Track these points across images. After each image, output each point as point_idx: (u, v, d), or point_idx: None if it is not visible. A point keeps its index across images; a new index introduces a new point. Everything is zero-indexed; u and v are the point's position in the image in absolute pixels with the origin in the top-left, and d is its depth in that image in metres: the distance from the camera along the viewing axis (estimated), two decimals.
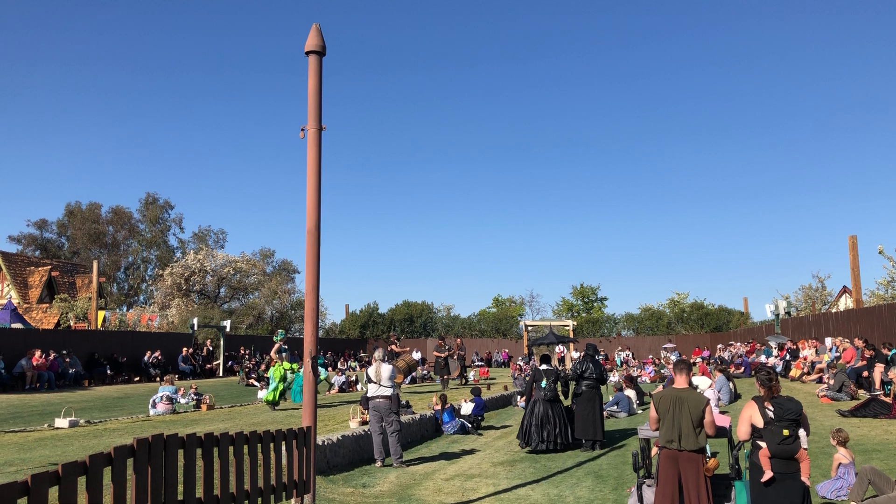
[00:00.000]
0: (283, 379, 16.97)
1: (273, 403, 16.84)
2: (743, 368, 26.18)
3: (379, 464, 11.55)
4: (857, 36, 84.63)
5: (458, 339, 30.65)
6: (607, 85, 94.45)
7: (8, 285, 40.63)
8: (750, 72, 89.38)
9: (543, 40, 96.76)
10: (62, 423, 13.82)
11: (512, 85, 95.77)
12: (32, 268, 42.49)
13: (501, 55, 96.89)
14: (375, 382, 11.62)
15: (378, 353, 12.07)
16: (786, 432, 6.36)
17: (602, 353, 42.93)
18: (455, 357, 26.22)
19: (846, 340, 21.19)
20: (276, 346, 17.93)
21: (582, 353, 14.52)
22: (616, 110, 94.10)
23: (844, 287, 39.77)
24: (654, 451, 7.66)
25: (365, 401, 12.53)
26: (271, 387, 17.14)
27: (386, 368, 11.65)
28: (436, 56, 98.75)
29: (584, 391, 13.47)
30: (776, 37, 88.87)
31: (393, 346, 23.87)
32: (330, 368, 28.50)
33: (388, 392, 11.56)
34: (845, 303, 38.36)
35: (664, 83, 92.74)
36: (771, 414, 6.46)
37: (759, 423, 6.51)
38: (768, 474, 6.35)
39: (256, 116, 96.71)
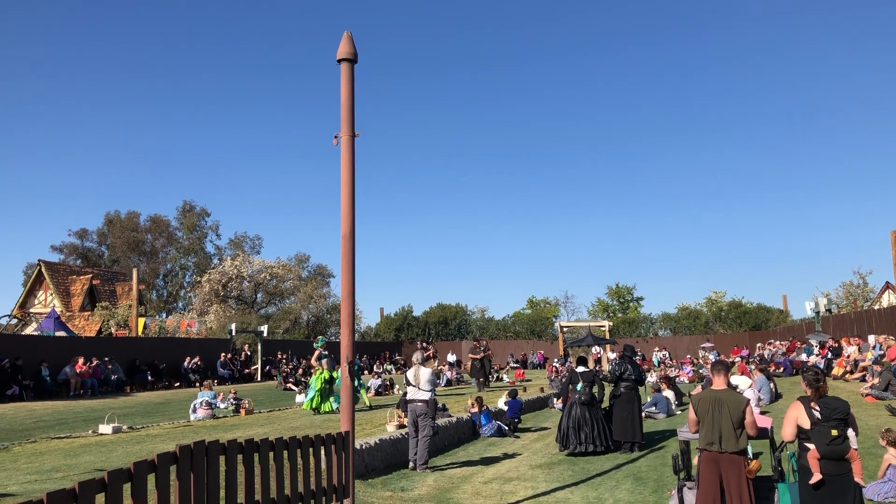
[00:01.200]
0: (329, 383, 16.95)
1: (315, 410, 16.89)
2: (783, 368, 25.76)
3: (412, 465, 11.60)
4: None
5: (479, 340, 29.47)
6: (642, 79, 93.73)
7: (51, 294, 41.54)
8: (791, 65, 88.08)
9: (574, 35, 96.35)
10: (106, 429, 14.08)
11: (546, 83, 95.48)
12: (74, 276, 43.39)
13: (533, 54, 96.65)
14: (414, 386, 11.68)
15: (417, 357, 12.13)
16: (834, 432, 6.23)
17: (639, 354, 42.57)
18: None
19: (891, 338, 20.74)
20: (317, 352, 17.88)
21: (619, 354, 14.42)
22: (651, 106, 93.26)
23: (887, 283, 38.98)
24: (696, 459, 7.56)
25: (403, 403, 12.58)
26: (310, 395, 17.18)
27: (425, 372, 11.70)
28: (470, 56, 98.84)
29: (622, 393, 13.39)
30: (821, 26, 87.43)
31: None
32: (366, 372, 28.63)
33: (426, 396, 11.60)
34: (888, 299, 37.57)
35: (701, 76, 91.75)
36: (818, 414, 6.33)
37: (806, 424, 6.38)
38: (817, 476, 6.20)
39: (291, 123, 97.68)
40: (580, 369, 13.67)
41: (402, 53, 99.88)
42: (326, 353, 17.74)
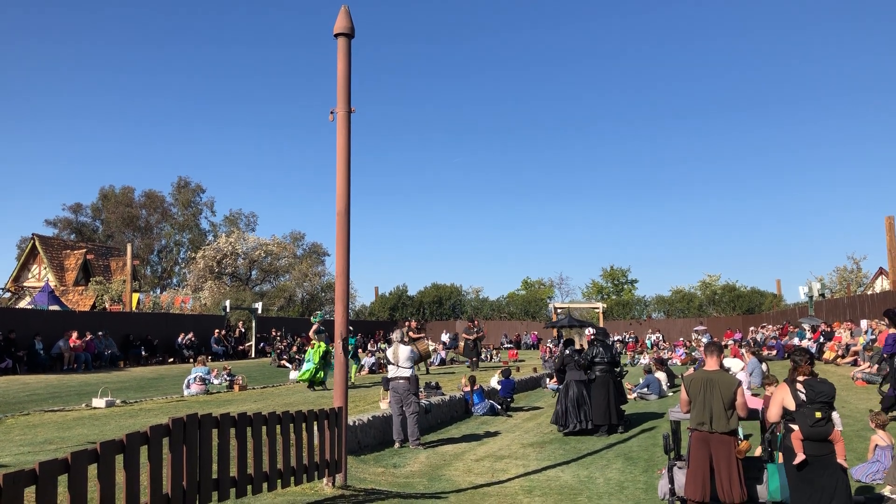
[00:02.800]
0: (325, 360, 17.08)
1: (311, 383, 17.01)
2: (776, 351, 25.87)
3: (397, 445, 11.59)
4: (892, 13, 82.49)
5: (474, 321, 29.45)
6: (641, 61, 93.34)
7: (45, 269, 41.45)
8: (786, 46, 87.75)
9: (575, 9, 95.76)
10: (99, 402, 14.11)
11: (544, 65, 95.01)
12: (68, 251, 43.28)
13: (542, 29, 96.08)
14: (394, 364, 11.67)
15: (396, 335, 12.13)
16: (818, 414, 6.28)
17: (632, 336, 42.76)
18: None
19: (882, 322, 20.82)
20: (315, 326, 18.18)
21: (590, 338, 14.31)
22: (648, 89, 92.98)
23: (881, 269, 39.07)
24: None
25: (385, 382, 12.62)
26: (305, 367, 17.32)
27: (404, 350, 11.67)
28: (465, 33, 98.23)
29: (597, 377, 13.25)
30: (806, 9, 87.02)
31: (411, 333, 23.56)
32: (360, 350, 28.69)
33: (407, 373, 11.58)
34: (881, 285, 37.69)
35: (697, 58, 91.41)
36: (803, 396, 6.39)
37: (791, 406, 6.44)
38: (801, 457, 6.27)
39: (288, 99, 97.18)
40: (567, 351, 13.73)
41: (398, 28, 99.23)
42: (324, 328, 17.95)
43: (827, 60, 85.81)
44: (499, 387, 16.87)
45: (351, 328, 18.13)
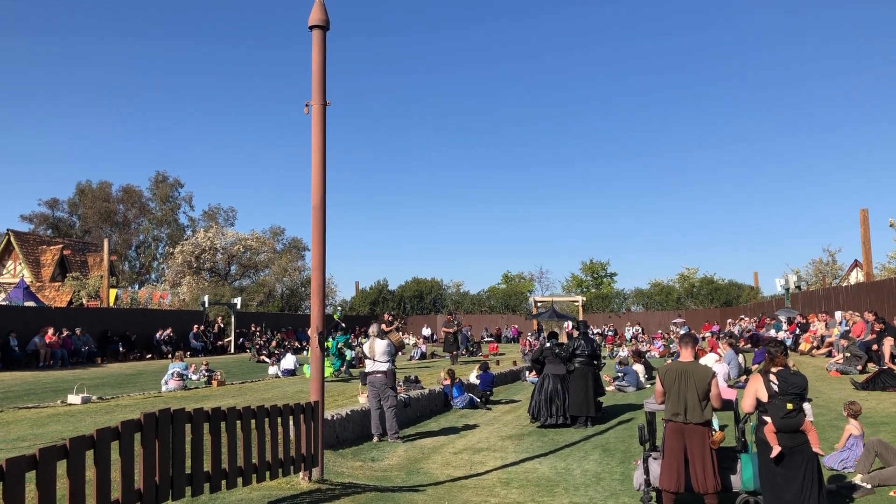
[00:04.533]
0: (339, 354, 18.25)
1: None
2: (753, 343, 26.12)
3: (376, 439, 11.59)
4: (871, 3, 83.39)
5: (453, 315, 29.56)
6: (614, 55, 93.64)
7: (20, 264, 40.91)
8: (763, 39, 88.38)
9: (546, 7, 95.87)
10: (75, 399, 13.96)
11: (519, 59, 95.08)
12: (44, 247, 42.73)
13: (504, 32, 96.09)
14: (370, 358, 11.65)
15: (373, 329, 12.12)
16: (789, 406, 6.33)
17: (611, 329, 42.99)
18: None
19: (856, 314, 21.09)
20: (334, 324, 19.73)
21: (570, 330, 14.48)
22: (623, 81, 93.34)
23: (856, 261, 39.52)
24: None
25: (363, 376, 12.60)
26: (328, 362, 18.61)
27: (380, 344, 11.65)
28: (440, 31, 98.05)
29: (576, 368, 13.41)
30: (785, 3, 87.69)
31: (384, 326, 23.58)
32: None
33: (384, 367, 11.57)
34: (856, 276, 38.14)
35: (675, 48, 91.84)
36: (775, 387, 6.44)
37: (764, 397, 6.49)
38: (776, 450, 6.30)
39: (267, 93, 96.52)
40: (549, 343, 13.81)
41: (372, 22, 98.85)
42: (343, 325, 19.17)
43: (802, 52, 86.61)
44: (478, 381, 16.91)
45: (343, 324, 18.73)
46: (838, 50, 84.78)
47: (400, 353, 24.13)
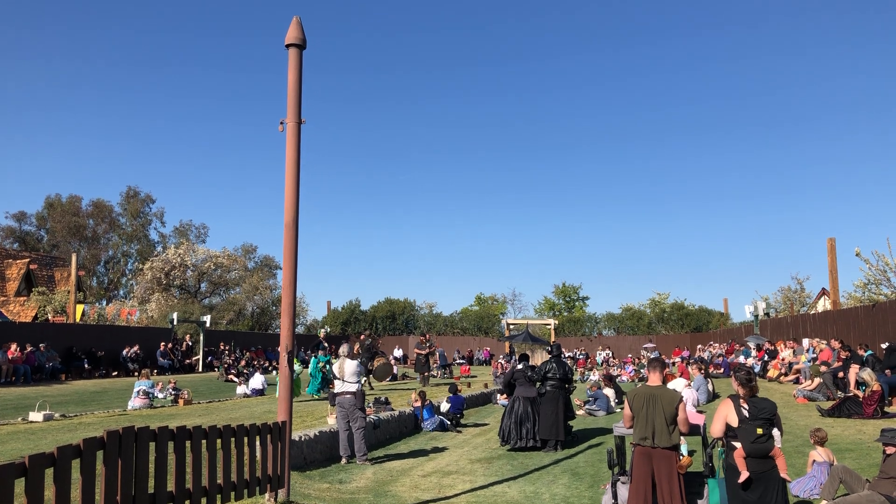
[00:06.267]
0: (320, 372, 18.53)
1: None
2: (722, 369, 26.35)
3: (344, 461, 11.44)
4: (837, 38, 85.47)
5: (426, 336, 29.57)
6: (593, 84, 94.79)
7: None
8: (731, 74, 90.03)
9: (529, 39, 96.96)
10: (36, 416, 13.67)
11: (496, 83, 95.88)
12: (10, 260, 41.97)
13: (484, 54, 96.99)
14: (340, 379, 11.55)
15: (343, 350, 12.00)
16: (759, 431, 6.38)
17: (583, 352, 43.11)
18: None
19: (823, 342, 21.38)
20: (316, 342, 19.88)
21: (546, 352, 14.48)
22: (601, 111, 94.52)
23: (823, 289, 40.11)
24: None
25: (332, 397, 12.48)
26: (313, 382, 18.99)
27: (350, 364, 11.55)
28: (419, 53, 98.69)
29: (547, 391, 13.38)
30: (757, 38, 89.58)
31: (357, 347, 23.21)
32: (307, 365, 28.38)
33: (353, 388, 11.47)
34: (824, 304, 38.68)
35: (649, 84, 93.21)
36: (746, 413, 6.49)
37: (734, 422, 6.53)
38: (745, 475, 6.34)
39: (241, 111, 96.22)
40: (521, 366, 13.81)
41: (351, 47, 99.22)
42: (325, 344, 19.68)
43: (772, 85, 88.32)
44: (448, 404, 16.84)
45: (325, 344, 18.88)
46: (811, 84, 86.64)
47: (387, 380, 24.25)
